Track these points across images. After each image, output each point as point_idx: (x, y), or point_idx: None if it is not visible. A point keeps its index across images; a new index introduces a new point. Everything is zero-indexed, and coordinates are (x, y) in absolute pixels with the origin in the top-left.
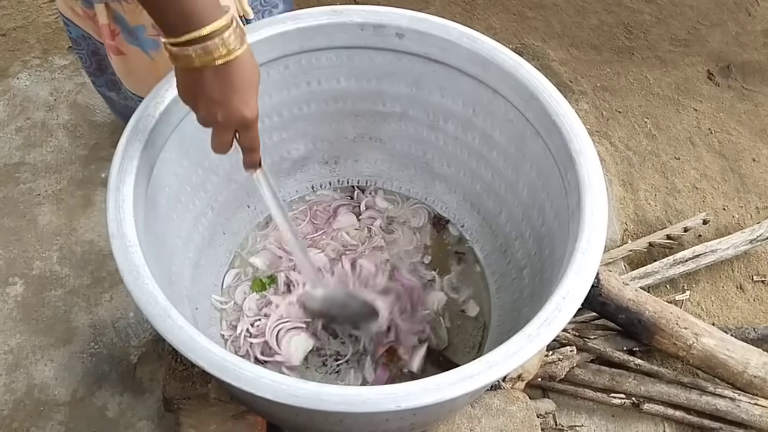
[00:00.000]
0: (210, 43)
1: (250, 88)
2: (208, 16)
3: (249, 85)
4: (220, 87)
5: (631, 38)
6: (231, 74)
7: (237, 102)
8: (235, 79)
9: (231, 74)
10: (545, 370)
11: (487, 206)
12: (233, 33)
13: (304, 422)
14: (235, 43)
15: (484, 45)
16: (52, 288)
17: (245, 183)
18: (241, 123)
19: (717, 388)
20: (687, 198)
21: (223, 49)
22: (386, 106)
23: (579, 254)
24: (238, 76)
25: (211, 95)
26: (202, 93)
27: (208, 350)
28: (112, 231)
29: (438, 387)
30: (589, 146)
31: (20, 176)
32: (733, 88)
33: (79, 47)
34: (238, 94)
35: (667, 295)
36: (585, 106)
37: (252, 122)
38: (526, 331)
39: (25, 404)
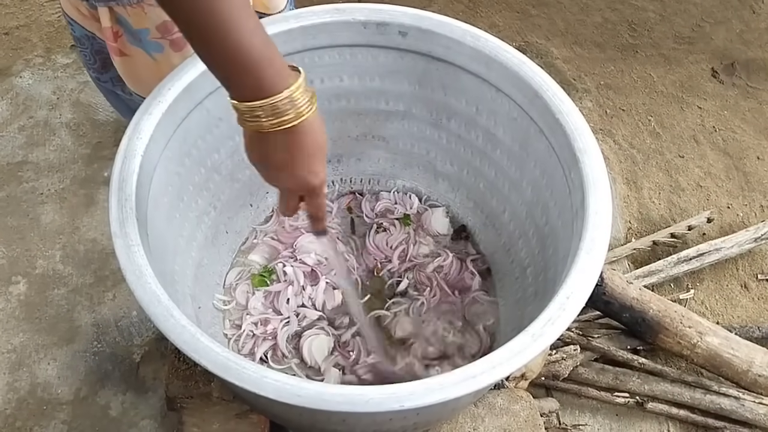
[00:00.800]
0: (281, 107)
1: (317, 154)
2: (283, 81)
3: (316, 151)
4: (287, 152)
5: (635, 36)
6: (298, 139)
7: (303, 168)
8: (303, 145)
9: (298, 139)
10: (549, 369)
11: (490, 205)
12: (303, 96)
13: (307, 422)
14: (305, 106)
15: (487, 43)
16: (55, 287)
17: (248, 182)
18: (306, 189)
19: (721, 387)
20: (691, 196)
21: (293, 113)
22: (389, 105)
23: (583, 253)
24: (305, 140)
25: (277, 160)
26: (268, 157)
27: (211, 349)
28: (115, 230)
29: (441, 386)
30: (593, 145)
31: (23, 175)
32: (738, 85)
33: (83, 46)
34: (305, 160)
35: (671, 293)
36: (589, 104)
37: (318, 189)
38: (530, 331)
39: (29, 403)
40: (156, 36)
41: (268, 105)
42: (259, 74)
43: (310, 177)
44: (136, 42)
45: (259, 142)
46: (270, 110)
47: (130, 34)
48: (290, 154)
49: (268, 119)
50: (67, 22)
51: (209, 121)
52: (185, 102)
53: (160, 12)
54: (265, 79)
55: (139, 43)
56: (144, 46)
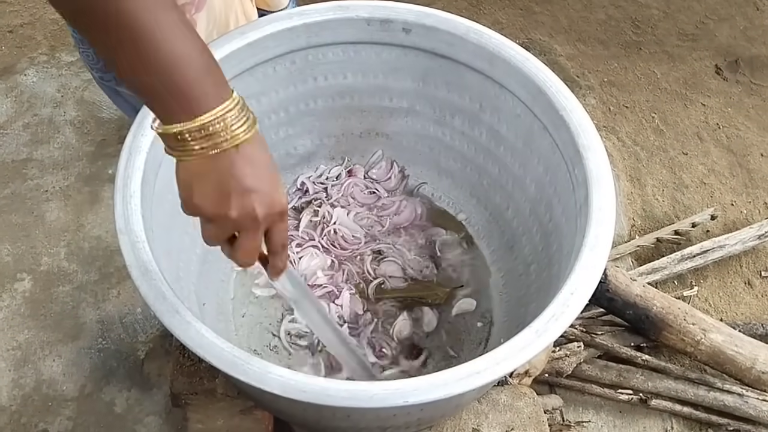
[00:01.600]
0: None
1: (275, 166)
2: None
3: (274, 163)
4: (252, 170)
5: (639, 33)
6: (256, 153)
7: (273, 185)
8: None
9: (256, 153)
10: (552, 366)
11: (494, 202)
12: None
13: (311, 417)
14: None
15: (491, 40)
16: (59, 284)
17: None
18: (280, 210)
19: (725, 384)
20: (695, 193)
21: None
22: (393, 102)
23: (587, 250)
24: (262, 154)
25: (244, 183)
26: (234, 184)
27: (216, 345)
28: (120, 227)
29: (445, 382)
30: (596, 141)
31: (27, 172)
32: (741, 82)
33: (85, 46)
34: (271, 174)
35: (674, 290)
36: (592, 101)
37: (286, 210)
38: (533, 327)
39: (34, 400)
40: None
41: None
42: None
43: (280, 194)
44: None
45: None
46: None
47: None
48: (254, 171)
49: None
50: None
51: None
52: None
53: None
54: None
55: None
56: None
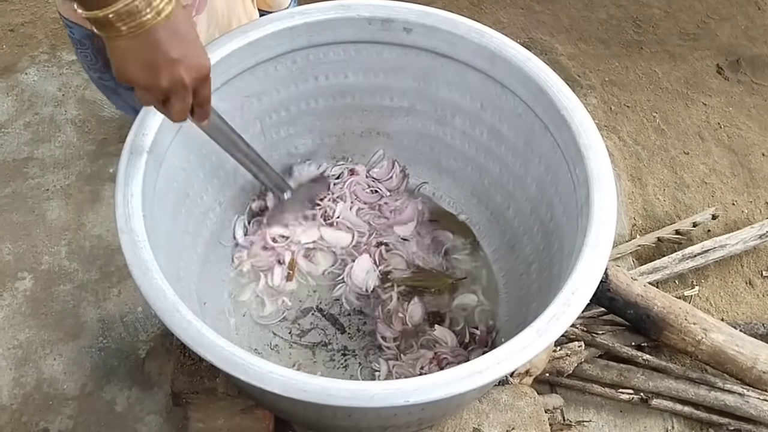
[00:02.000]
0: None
1: (197, 36)
2: None
3: (196, 33)
4: (177, 43)
5: (640, 32)
6: (179, 26)
7: (197, 52)
8: (185, 30)
9: (179, 26)
10: (553, 366)
11: (495, 201)
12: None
13: (312, 417)
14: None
15: (492, 39)
16: (60, 283)
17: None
18: (206, 74)
19: (726, 383)
20: (696, 193)
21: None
22: (394, 101)
23: (588, 249)
24: (185, 26)
25: (171, 55)
26: (161, 57)
27: (216, 345)
28: (121, 226)
29: (446, 382)
30: (598, 141)
31: (29, 171)
32: (743, 82)
33: (83, 47)
34: (194, 43)
35: (675, 290)
36: (593, 100)
37: (209, 71)
38: (534, 326)
39: (35, 398)
40: None
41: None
42: None
43: (204, 59)
44: None
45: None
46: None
47: None
48: (178, 43)
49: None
50: (65, 26)
51: None
52: None
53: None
54: None
55: None
56: None
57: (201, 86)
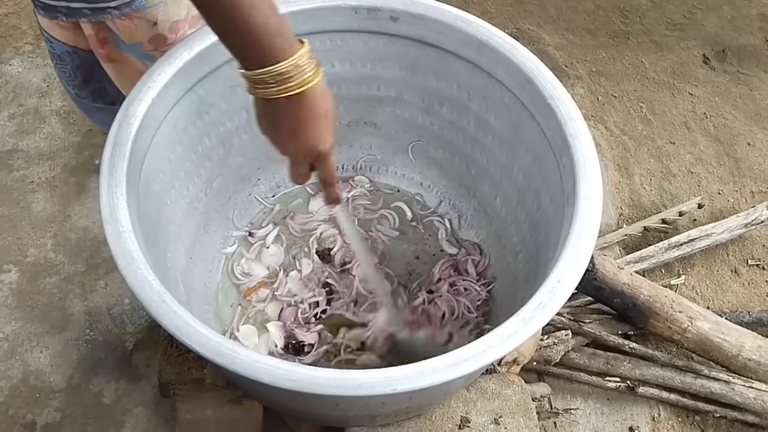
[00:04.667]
0: (287, 73)
1: (325, 120)
2: (289, 50)
3: (324, 117)
4: (295, 118)
5: (627, 22)
6: (306, 105)
7: (310, 133)
8: (310, 110)
9: (306, 105)
10: (540, 354)
11: (482, 191)
12: (308, 64)
13: (300, 406)
14: (310, 73)
15: (479, 28)
16: (46, 275)
17: (239, 169)
18: (315, 155)
19: (711, 371)
20: (682, 182)
21: (299, 79)
22: (381, 91)
23: (574, 238)
24: (312, 106)
25: (286, 127)
26: (277, 124)
27: (203, 335)
28: (106, 216)
29: (433, 370)
30: (584, 130)
31: (13, 163)
32: (729, 72)
33: (63, 63)
34: (313, 125)
35: (662, 279)
36: (580, 90)
37: (326, 154)
38: (520, 315)
39: (21, 391)
40: (149, 49)
41: (276, 72)
42: (269, 45)
43: (318, 142)
44: (125, 48)
45: (268, 109)
46: (277, 76)
47: (119, 41)
48: (298, 120)
49: (275, 86)
50: (45, 40)
51: (200, 107)
52: (176, 87)
53: (151, 24)
54: (274, 49)
55: (128, 49)
56: (132, 53)
57: (318, 163)
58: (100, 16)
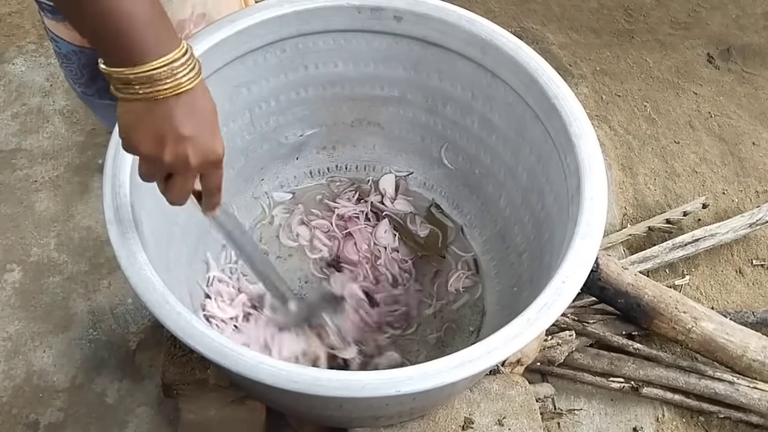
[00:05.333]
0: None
1: (216, 119)
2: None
3: (215, 116)
4: (190, 119)
5: (631, 21)
6: (197, 102)
7: (210, 135)
8: (203, 108)
9: (197, 102)
10: (544, 355)
11: (486, 191)
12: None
13: (303, 407)
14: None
15: (483, 27)
16: (50, 275)
17: (242, 169)
18: (214, 160)
19: (716, 371)
20: (686, 182)
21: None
22: (384, 91)
23: (578, 238)
24: (203, 105)
25: (181, 131)
26: (170, 130)
27: (206, 336)
28: (109, 217)
29: (437, 372)
30: (588, 130)
31: (17, 163)
32: (733, 71)
33: (69, 62)
34: (209, 125)
35: (666, 279)
36: (584, 89)
37: (219, 163)
38: (525, 316)
39: (24, 391)
40: None
41: (143, 73)
42: (133, 39)
43: (217, 144)
44: None
45: (150, 115)
46: (145, 79)
47: None
48: (192, 120)
49: (142, 88)
50: (50, 39)
51: None
52: None
53: None
54: (140, 45)
55: None
56: None
57: (209, 172)
58: None
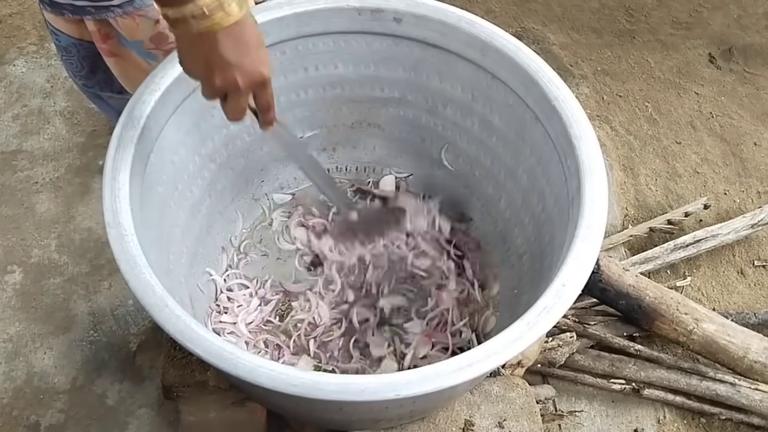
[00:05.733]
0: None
1: (261, 46)
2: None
3: (260, 43)
4: (235, 48)
5: (632, 21)
6: (243, 34)
7: (254, 60)
8: (248, 38)
9: (243, 34)
10: (545, 356)
11: (486, 193)
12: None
13: (303, 410)
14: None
15: (483, 29)
16: (50, 276)
17: (243, 171)
18: (261, 81)
19: (717, 373)
20: (688, 182)
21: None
22: (384, 92)
23: (579, 241)
24: (249, 35)
25: (227, 58)
26: (217, 59)
27: (205, 339)
28: (109, 220)
29: (437, 375)
30: (589, 131)
31: (18, 164)
32: (735, 71)
33: (69, 54)
34: (254, 52)
35: (667, 280)
36: (586, 90)
37: (266, 82)
38: (525, 319)
39: (25, 392)
40: (150, 47)
41: (197, 7)
42: None
43: (262, 67)
44: (127, 44)
45: (204, 45)
46: (199, 12)
47: (121, 37)
48: (239, 49)
49: (206, 19)
50: (50, 33)
51: (203, 109)
52: (178, 90)
53: (153, 22)
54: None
55: (131, 46)
56: (136, 52)
57: (258, 92)
58: (104, 14)
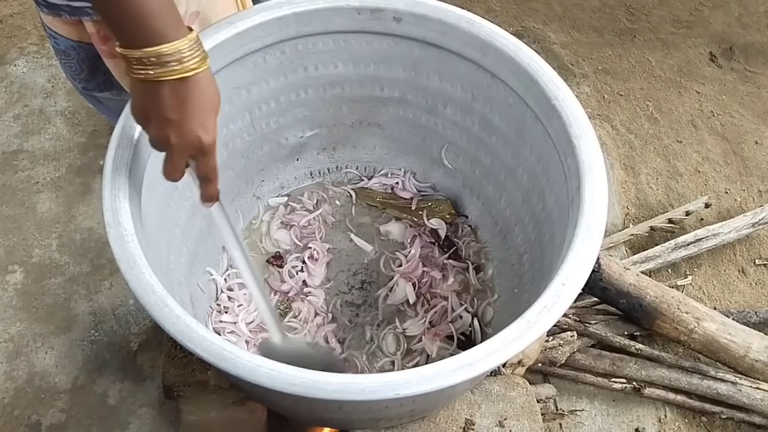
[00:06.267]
0: (168, 57)
1: (208, 111)
2: (169, 35)
3: (207, 107)
4: (176, 105)
5: (633, 20)
6: (188, 92)
7: (193, 123)
8: (193, 99)
9: (188, 92)
10: (546, 356)
11: (486, 192)
12: (193, 51)
13: (303, 410)
14: (194, 62)
15: (482, 28)
16: (51, 276)
17: (243, 171)
18: (197, 147)
19: (718, 372)
20: (689, 181)
21: (180, 66)
22: (384, 91)
23: (579, 240)
24: (196, 95)
25: (164, 114)
26: (155, 110)
27: (205, 339)
28: (108, 220)
29: (437, 374)
30: (589, 131)
31: (18, 164)
32: (736, 70)
33: (68, 57)
34: (195, 114)
35: (668, 279)
36: (586, 89)
37: (209, 148)
38: (525, 317)
39: (26, 392)
40: None
41: (155, 53)
42: (150, 24)
43: (201, 133)
44: None
45: (148, 94)
46: (156, 59)
47: None
48: (180, 107)
49: (154, 68)
50: (48, 36)
51: None
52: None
53: None
54: (156, 29)
55: None
56: None
57: (198, 159)
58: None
